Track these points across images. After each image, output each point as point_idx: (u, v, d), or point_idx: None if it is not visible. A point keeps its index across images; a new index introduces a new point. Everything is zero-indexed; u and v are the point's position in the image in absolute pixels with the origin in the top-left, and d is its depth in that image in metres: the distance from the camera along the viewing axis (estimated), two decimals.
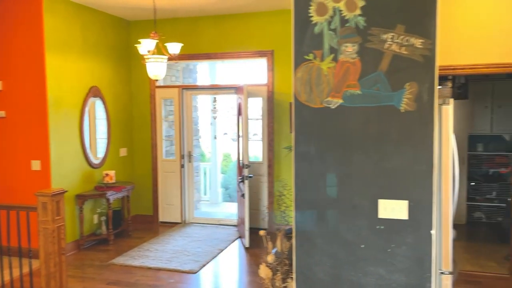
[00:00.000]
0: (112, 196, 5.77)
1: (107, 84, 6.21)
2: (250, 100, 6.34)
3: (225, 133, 11.37)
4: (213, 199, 8.76)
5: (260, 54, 6.12)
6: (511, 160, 6.37)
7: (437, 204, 2.45)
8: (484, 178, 6.51)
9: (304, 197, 2.58)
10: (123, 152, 6.62)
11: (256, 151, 7.10)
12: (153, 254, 5.29)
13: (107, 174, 5.94)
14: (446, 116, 2.48)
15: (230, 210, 7.88)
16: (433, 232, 2.37)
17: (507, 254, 4.55)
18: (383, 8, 2.39)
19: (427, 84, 2.36)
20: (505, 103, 6.32)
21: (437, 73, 2.38)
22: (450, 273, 2.47)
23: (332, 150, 2.52)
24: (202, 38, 6.36)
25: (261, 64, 6.37)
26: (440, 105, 2.49)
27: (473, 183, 6.49)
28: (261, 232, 3.07)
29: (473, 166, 6.53)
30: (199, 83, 8.05)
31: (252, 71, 7.95)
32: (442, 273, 2.46)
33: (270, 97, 6.17)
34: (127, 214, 6.30)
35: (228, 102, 10.03)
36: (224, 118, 10.47)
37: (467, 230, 6.18)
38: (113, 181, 5.97)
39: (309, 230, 2.58)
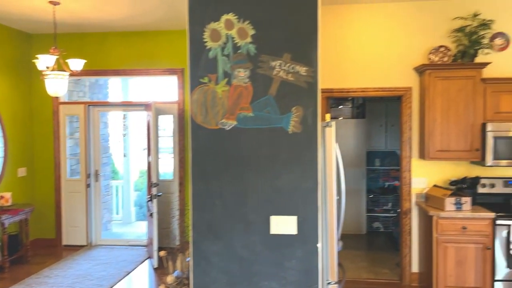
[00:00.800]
0: (8, 220, 5.34)
1: (3, 99, 5.79)
2: (162, 117, 6.30)
3: (144, 149, 11.09)
4: (126, 219, 8.46)
5: (171, 72, 6.13)
6: None
7: (323, 218, 2.65)
8: (381, 190, 7.09)
9: (201, 216, 2.64)
10: (22, 172, 6.18)
11: (168, 168, 7.04)
12: (53, 280, 4.97)
13: (2, 197, 5.50)
14: (329, 137, 2.71)
15: (143, 230, 7.67)
16: (319, 245, 2.55)
17: (398, 261, 4.99)
18: (271, 37, 2.56)
19: (311, 108, 2.56)
20: (396, 122, 6.97)
21: (319, 98, 2.59)
22: (336, 283, 2.66)
23: (227, 169, 2.61)
24: (111, 54, 6.22)
25: (173, 81, 6.38)
26: (324, 127, 2.71)
27: (372, 196, 7.04)
28: (162, 253, 3.07)
29: (371, 180, 7.09)
30: (111, 99, 7.81)
31: (165, 88, 7.92)
32: (329, 283, 2.65)
33: (181, 114, 6.19)
34: (26, 238, 5.86)
35: (142, 119, 9.84)
36: (139, 134, 10.24)
37: (367, 239, 6.66)
38: (9, 203, 5.54)
39: (206, 249, 2.63)
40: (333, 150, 2.71)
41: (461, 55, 4.34)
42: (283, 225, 2.57)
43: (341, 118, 7.07)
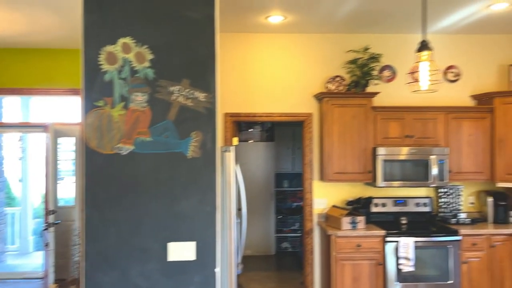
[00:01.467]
0: None
1: None
2: (64, 139, 5.92)
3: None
4: (23, 249, 7.72)
5: (73, 92, 5.82)
6: None
7: (223, 242, 2.67)
8: (289, 211, 7.34)
9: (94, 245, 2.51)
10: None
11: (71, 194, 6.60)
12: None
13: None
14: (229, 161, 2.76)
15: (42, 261, 7.04)
16: (217, 270, 2.56)
17: (302, 280, 5.17)
18: (170, 62, 2.58)
19: (210, 133, 2.60)
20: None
21: (218, 123, 2.65)
22: None
23: (123, 195, 2.54)
24: (6, 71, 5.76)
25: (75, 102, 6.06)
26: (223, 152, 2.76)
27: (280, 216, 7.25)
28: (51, 286, 2.85)
29: (280, 201, 7.31)
30: (6, 119, 7.18)
31: (67, 109, 7.49)
32: None
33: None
34: None
35: (42, 141, 9.15)
36: (40, 157, 9.50)
37: (276, 260, 6.82)
38: None
39: (100, 280, 2.50)
40: (233, 174, 2.76)
41: (355, 85, 4.73)
42: (181, 251, 2.54)
43: (251, 141, 7.24)
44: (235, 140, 5.06)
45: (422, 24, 1.96)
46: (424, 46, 1.81)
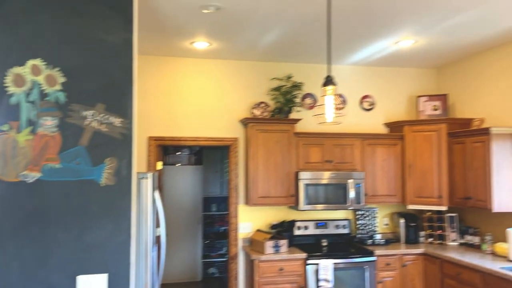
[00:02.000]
0: None
1: None
2: None
3: None
4: None
5: None
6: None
7: (138, 273, 2.58)
8: (217, 235, 7.27)
9: None
10: None
11: None
12: None
13: None
14: (145, 188, 2.70)
15: None
16: None
17: None
18: (84, 86, 2.50)
19: (125, 159, 2.53)
20: None
21: (135, 150, 2.59)
22: None
23: (28, 226, 2.37)
24: None
25: None
26: (140, 178, 2.70)
27: (208, 241, 7.16)
28: None
29: (207, 225, 7.23)
30: None
31: None
32: None
33: None
34: None
35: None
36: None
37: (202, 286, 6.68)
38: None
39: None
40: (150, 201, 2.70)
41: (278, 111, 4.88)
42: (92, 284, 2.41)
43: (179, 164, 7.14)
44: (159, 164, 4.97)
45: (327, 61, 2.08)
46: (328, 81, 1.93)
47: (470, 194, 4.42)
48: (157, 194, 2.87)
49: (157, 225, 2.97)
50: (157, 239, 3.07)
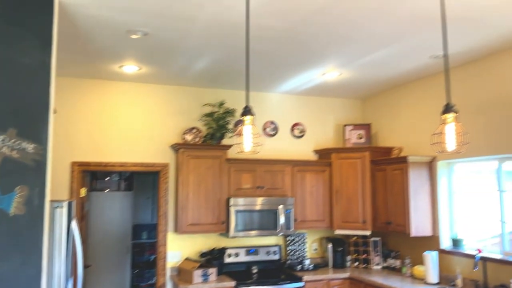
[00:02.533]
0: None
1: None
2: None
3: None
4: None
5: None
6: None
7: None
8: (146, 264, 7.00)
9: None
10: None
11: None
12: None
13: None
14: (60, 218, 2.55)
15: None
16: None
17: None
18: None
19: (38, 187, 2.39)
20: None
21: (49, 177, 2.45)
22: None
23: None
24: None
25: None
26: (54, 208, 2.55)
27: (136, 270, 6.86)
28: None
29: (137, 254, 6.95)
30: None
31: None
32: None
33: None
34: None
35: None
36: None
37: None
38: None
39: None
40: (64, 231, 2.55)
41: (210, 137, 4.88)
42: None
43: (108, 190, 6.86)
44: (83, 191, 4.74)
45: (246, 92, 2.15)
46: (247, 111, 1.98)
47: (391, 219, 4.65)
48: (74, 224, 2.72)
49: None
50: (74, 271, 2.90)
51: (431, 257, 4.20)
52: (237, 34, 3.40)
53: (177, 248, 4.82)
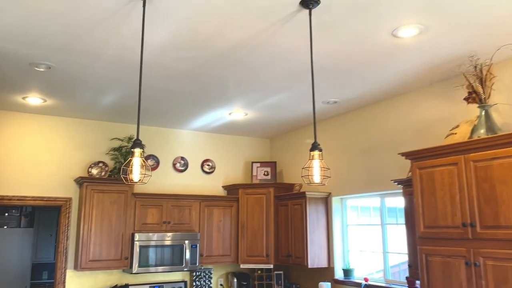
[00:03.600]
0: None
1: None
2: None
3: None
4: None
5: None
6: None
7: None
8: None
9: None
10: None
11: None
12: None
13: None
14: None
15: None
16: None
17: None
18: None
19: None
20: None
21: None
22: None
23: None
24: None
25: None
26: None
27: None
28: None
29: None
30: None
31: None
32: None
33: None
34: None
35: None
36: None
37: None
38: None
39: None
40: None
41: (117, 171, 4.87)
42: None
43: (6, 227, 6.42)
44: None
45: (137, 126, 2.30)
46: (136, 144, 2.13)
47: (291, 251, 4.92)
48: None
49: None
50: None
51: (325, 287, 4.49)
52: (136, 73, 3.55)
53: (77, 287, 4.64)
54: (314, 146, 2.34)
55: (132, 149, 2.15)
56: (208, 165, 5.69)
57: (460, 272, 2.77)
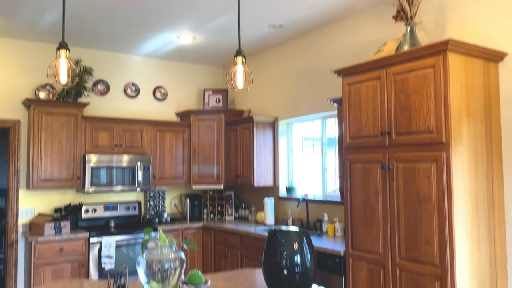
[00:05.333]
0: None
1: None
2: None
3: None
4: None
5: None
6: None
7: None
8: (3, 231, 6.70)
9: None
10: None
11: None
12: None
13: None
14: None
15: None
16: None
17: None
18: None
19: None
20: None
21: None
22: None
23: None
24: None
25: None
26: None
27: None
28: None
29: None
30: None
31: None
32: None
33: None
34: None
35: None
36: None
37: None
38: None
39: None
40: None
41: (66, 94, 4.87)
42: None
43: None
44: None
45: (62, 27, 2.34)
46: (62, 45, 2.18)
47: (239, 173, 5.20)
48: None
49: None
50: None
51: (269, 203, 4.83)
52: None
53: (30, 205, 4.78)
54: (238, 52, 2.46)
55: (57, 49, 2.20)
56: (160, 92, 5.74)
57: (376, 175, 3.09)
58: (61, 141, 4.71)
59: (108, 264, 4.51)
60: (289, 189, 4.91)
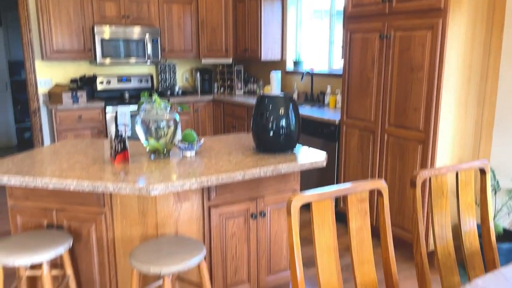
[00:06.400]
0: None
1: None
2: None
3: None
4: None
5: None
6: None
7: None
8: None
9: None
10: None
11: None
12: None
13: None
14: None
15: None
16: None
17: None
18: None
19: None
20: None
21: None
22: None
23: None
24: None
25: None
26: None
27: (19, 106, 7.00)
28: None
29: (18, 91, 6.98)
30: None
31: None
32: None
33: None
34: None
35: None
36: None
37: (18, 150, 6.71)
38: None
39: None
40: None
41: None
42: None
43: None
44: None
45: None
46: None
47: (247, 46, 5.20)
48: None
49: None
50: None
51: (275, 75, 4.92)
52: None
53: (48, 76, 5.02)
54: None
55: None
56: None
57: (374, 45, 3.09)
58: (68, 11, 4.72)
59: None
60: (296, 63, 4.95)
